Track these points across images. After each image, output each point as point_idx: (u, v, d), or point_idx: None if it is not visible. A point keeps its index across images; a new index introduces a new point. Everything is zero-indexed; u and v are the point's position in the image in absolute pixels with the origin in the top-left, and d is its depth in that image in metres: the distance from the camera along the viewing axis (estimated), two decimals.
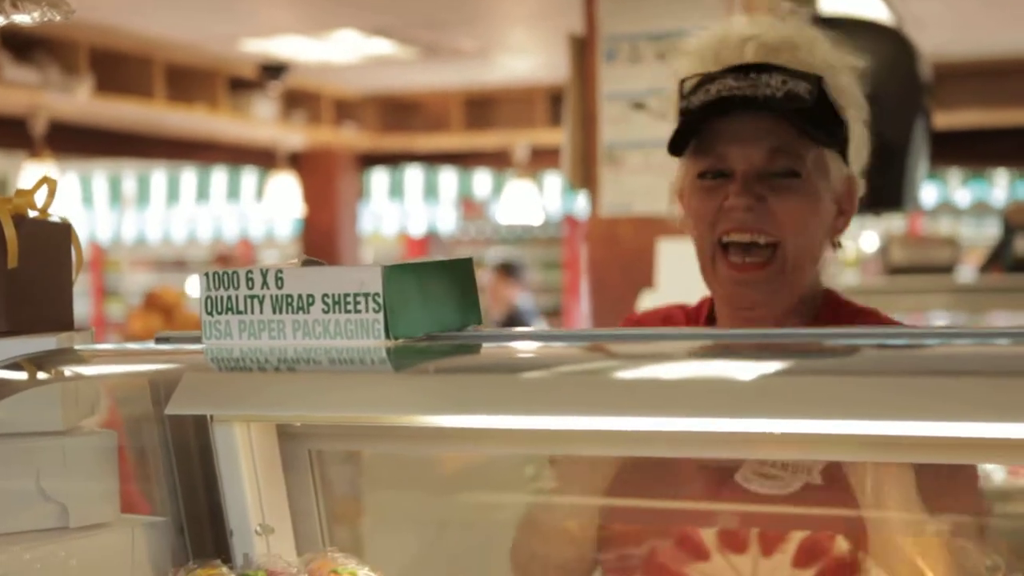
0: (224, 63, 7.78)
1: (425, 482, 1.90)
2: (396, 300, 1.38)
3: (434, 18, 6.64)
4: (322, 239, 9.94)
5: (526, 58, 8.00)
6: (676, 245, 3.74)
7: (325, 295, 1.40)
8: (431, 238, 12.66)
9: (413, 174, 11.52)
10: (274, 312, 1.42)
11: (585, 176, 4.17)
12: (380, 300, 1.38)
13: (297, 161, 9.76)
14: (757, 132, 1.75)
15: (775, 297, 1.76)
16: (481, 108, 9.29)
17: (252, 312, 1.43)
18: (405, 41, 7.19)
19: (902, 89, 3.93)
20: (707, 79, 1.77)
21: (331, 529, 1.73)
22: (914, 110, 4.02)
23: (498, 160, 9.94)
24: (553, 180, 10.93)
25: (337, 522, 1.75)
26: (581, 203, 11.20)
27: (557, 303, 12.29)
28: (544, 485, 1.79)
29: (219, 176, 12.16)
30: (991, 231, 12.23)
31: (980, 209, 11.84)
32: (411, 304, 1.41)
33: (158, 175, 12.52)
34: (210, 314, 1.45)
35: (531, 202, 10.01)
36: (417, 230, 12.46)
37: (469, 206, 12.77)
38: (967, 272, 7.94)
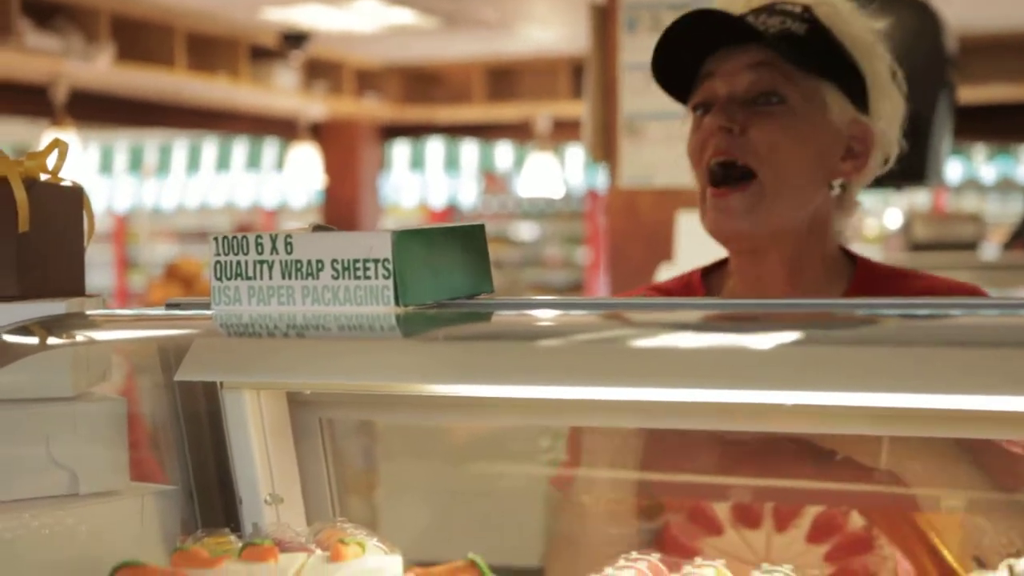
0: (245, 32, 7.76)
1: (437, 452, 1.89)
2: (406, 266, 1.36)
3: None
4: (343, 210, 9.94)
5: (548, 29, 7.96)
6: (697, 217, 3.70)
7: (335, 261, 1.39)
8: (452, 211, 12.64)
9: (434, 146, 11.49)
10: (283, 278, 1.41)
11: (606, 148, 4.14)
12: (390, 266, 1.36)
13: (318, 132, 9.74)
14: (743, 57, 1.71)
15: (756, 228, 1.71)
16: (503, 79, 9.25)
17: (261, 278, 1.42)
18: (426, 10, 7.16)
19: (927, 61, 3.88)
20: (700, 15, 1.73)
21: (342, 499, 1.72)
22: (939, 83, 3.97)
23: (520, 132, 9.90)
24: (575, 153, 10.90)
25: (348, 492, 1.73)
26: (603, 177, 11.16)
27: (579, 279, 12.26)
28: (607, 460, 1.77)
29: (240, 146, 12.16)
30: (1016, 207, 12.15)
31: (1006, 185, 11.76)
32: (421, 271, 1.39)
33: (179, 145, 12.53)
34: (219, 279, 1.43)
35: (553, 175, 9.97)
36: (437, 202, 12.44)
37: (491, 179, 12.73)
38: (991, 249, 7.89)
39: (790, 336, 1.29)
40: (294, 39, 7.68)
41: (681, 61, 1.76)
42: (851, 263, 1.81)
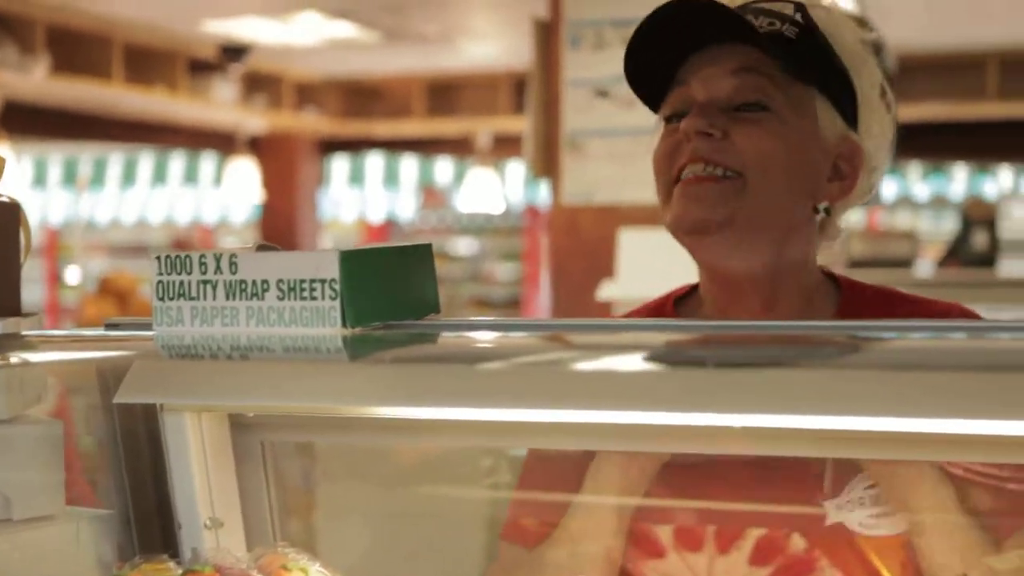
0: (185, 44, 7.69)
1: (379, 474, 1.86)
2: (353, 287, 1.34)
3: (397, 1, 6.58)
4: (281, 225, 9.87)
5: (490, 44, 7.96)
6: (638, 235, 3.71)
7: (280, 281, 1.36)
8: (390, 225, 12.61)
9: (374, 160, 11.45)
10: (227, 298, 1.38)
11: (547, 164, 4.13)
12: (336, 287, 1.33)
13: (257, 146, 9.67)
14: (725, 61, 1.53)
15: (728, 223, 1.51)
16: (444, 94, 9.24)
17: (205, 298, 1.38)
18: (368, 24, 7.13)
19: None
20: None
21: (283, 523, 1.68)
22: None
23: (460, 147, 9.90)
24: (515, 168, 10.90)
25: (289, 515, 1.70)
26: (543, 192, 11.17)
27: (518, 294, 12.26)
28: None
29: (177, 160, 12.05)
30: (948, 225, 12.33)
31: (938, 203, 11.93)
32: (368, 291, 1.36)
33: (115, 159, 12.39)
34: (161, 300, 1.40)
35: (493, 191, 9.97)
36: (376, 217, 12.41)
37: (430, 194, 12.72)
38: (925, 266, 7.99)
39: (738, 357, 1.28)
40: (234, 52, 7.63)
41: (651, 64, 1.58)
42: (836, 286, 1.64)
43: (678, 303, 1.69)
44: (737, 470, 1.59)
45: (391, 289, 1.41)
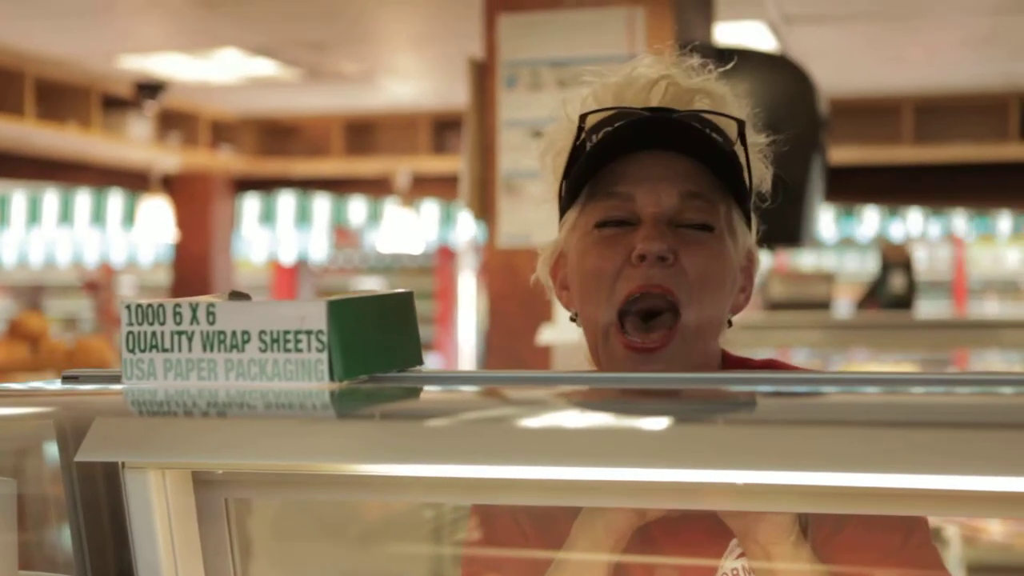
0: (99, 80, 7.52)
1: (347, 531, 1.78)
2: (342, 338, 1.26)
3: (319, 39, 6.50)
4: (195, 265, 9.68)
5: (410, 83, 7.90)
6: None
7: (262, 332, 1.28)
8: (301, 266, 12.48)
9: (285, 200, 11.31)
10: (204, 350, 1.29)
11: (483, 206, 4.08)
12: (324, 338, 1.26)
13: (170, 184, 9.49)
14: (667, 172, 1.51)
15: (672, 369, 1.52)
16: (362, 133, 9.16)
17: (180, 350, 1.30)
18: (288, 62, 7.04)
19: (804, 125, 3.93)
20: (617, 116, 1.53)
21: None
22: (814, 146, 4.02)
23: (376, 187, 9.81)
24: (430, 208, 10.83)
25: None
26: (458, 233, 11.12)
27: (428, 335, 12.18)
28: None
29: (83, 198, 11.78)
30: (852, 265, 12.53)
31: (845, 244, 12.11)
32: (356, 343, 1.29)
33: (18, 196, 12.09)
34: (132, 351, 1.31)
35: (411, 230, 9.89)
36: (288, 258, 12.26)
37: (342, 234, 12.63)
38: (844, 307, 8.06)
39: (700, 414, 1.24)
40: (149, 89, 7.48)
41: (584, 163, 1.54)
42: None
43: None
44: (697, 524, 1.55)
45: (377, 340, 1.34)
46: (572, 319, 1.63)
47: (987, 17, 5.96)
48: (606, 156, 1.53)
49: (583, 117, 1.55)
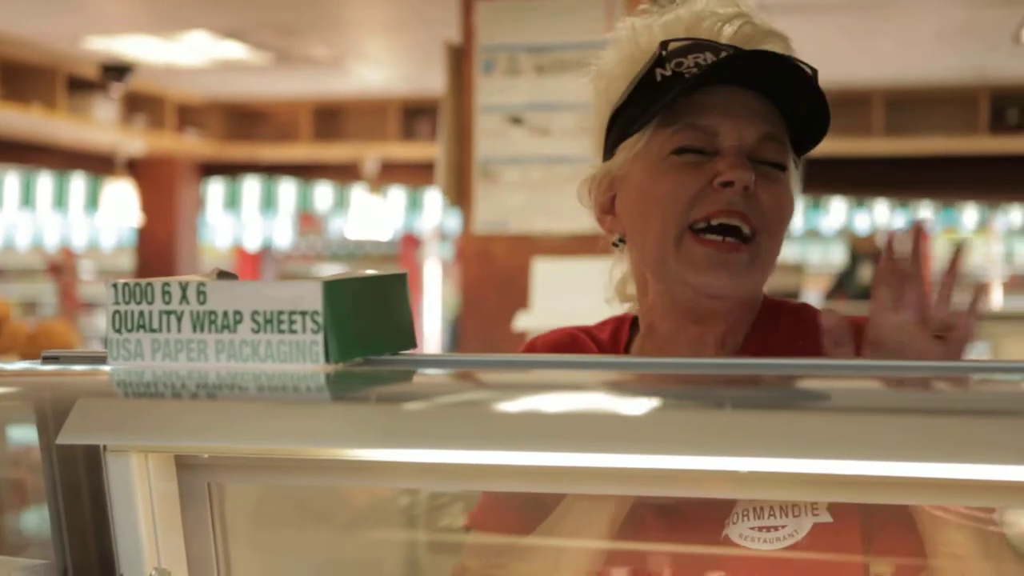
0: (64, 61, 7.42)
1: (333, 518, 1.74)
2: (338, 320, 1.23)
3: (289, 22, 6.43)
4: (159, 250, 9.60)
5: (380, 69, 7.84)
6: (552, 265, 3.63)
7: (255, 312, 1.24)
8: (266, 252, 12.41)
9: (251, 185, 11.21)
10: (195, 330, 1.25)
11: (460, 192, 4.04)
12: (319, 319, 1.22)
13: (135, 168, 9.39)
14: (747, 111, 1.53)
15: (740, 292, 1.55)
16: (330, 119, 9.09)
17: (168, 330, 1.26)
18: (258, 46, 6.96)
19: None
20: (694, 47, 1.54)
21: (230, 571, 1.55)
22: None
23: (343, 173, 9.74)
24: (397, 195, 10.77)
25: (237, 562, 1.57)
26: (424, 221, 11.06)
27: None
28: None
29: (45, 180, 11.64)
30: (816, 256, 12.58)
31: (810, 236, 12.15)
32: (352, 324, 1.25)
33: None
34: (118, 331, 1.27)
35: (379, 217, 9.83)
36: (252, 243, 12.17)
37: (307, 220, 12.55)
38: (813, 298, 8.08)
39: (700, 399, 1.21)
40: (116, 71, 7.38)
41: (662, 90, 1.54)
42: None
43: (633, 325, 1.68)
44: (695, 512, 1.53)
45: (372, 321, 1.30)
46: (615, 244, 1.66)
47: (963, 9, 5.96)
48: (693, 87, 1.52)
49: (664, 44, 1.55)
